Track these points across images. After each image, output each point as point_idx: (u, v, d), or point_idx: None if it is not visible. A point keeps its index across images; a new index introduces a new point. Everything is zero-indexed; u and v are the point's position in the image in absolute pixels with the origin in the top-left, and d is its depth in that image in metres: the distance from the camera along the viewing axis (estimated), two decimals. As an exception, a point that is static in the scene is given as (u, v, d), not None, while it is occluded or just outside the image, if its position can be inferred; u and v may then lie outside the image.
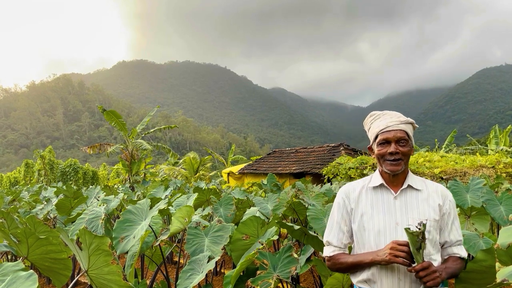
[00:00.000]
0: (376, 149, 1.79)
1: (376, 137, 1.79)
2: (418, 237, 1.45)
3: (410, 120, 1.77)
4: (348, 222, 1.85)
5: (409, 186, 1.77)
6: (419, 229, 1.45)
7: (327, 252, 1.88)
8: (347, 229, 1.85)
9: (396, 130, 1.72)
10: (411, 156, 1.83)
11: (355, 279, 1.81)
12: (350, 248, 1.93)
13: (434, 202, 1.74)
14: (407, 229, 1.47)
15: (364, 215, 1.78)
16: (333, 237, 1.87)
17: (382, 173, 1.81)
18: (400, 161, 1.71)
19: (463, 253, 1.74)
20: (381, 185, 1.80)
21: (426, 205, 1.73)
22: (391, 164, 1.72)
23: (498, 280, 1.08)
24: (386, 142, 1.73)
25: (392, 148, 1.71)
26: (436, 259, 1.69)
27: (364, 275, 1.75)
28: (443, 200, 1.77)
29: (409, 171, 1.81)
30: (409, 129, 1.75)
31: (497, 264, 1.24)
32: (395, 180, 1.77)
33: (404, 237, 1.65)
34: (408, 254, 1.53)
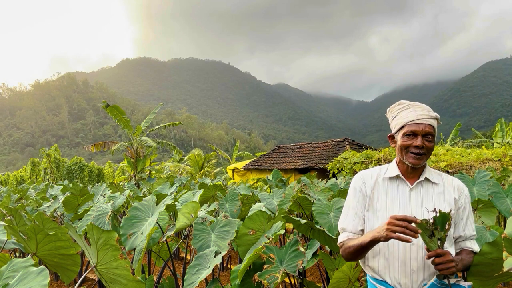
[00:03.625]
0: (400, 139, 1.75)
1: (401, 127, 1.75)
2: (427, 224, 1.43)
3: (438, 115, 1.74)
4: (364, 208, 1.81)
5: (426, 179, 1.75)
6: (434, 217, 1.42)
7: (340, 238, 1.83)
8: (363, 215, 1.81)
9: (425, 124, 1.69)
10: None
11: (368, 271, 1.80)
12: None
13: (450, 196, 1.73)
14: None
15: (378, 205, 1.76)
16: (348, 223, 1.82)
17: (399, 164, 1.79)
18: (423, 155, 1.69)
19: (476, 248, 1.73)
20: (397, 176, 1.78)
21: (442, 199, 1.72)
22: (414, 158, 1.69)
23: (505, 269, 1.08)
24: (413, 134, 1.70)
25: (418, 141, 1.68)
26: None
27: (376, 265, 1.74)
28: (459, 194, 1.75)
29: (427, 164, 1.79)
30: (435, 125, 1.72)
31: (504, 253, 1.23)
32: (412, 172, 1.76)
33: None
34: (407, 228, 1.45)
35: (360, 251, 1.70)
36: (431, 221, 1.43)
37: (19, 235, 2.32)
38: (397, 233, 1.47)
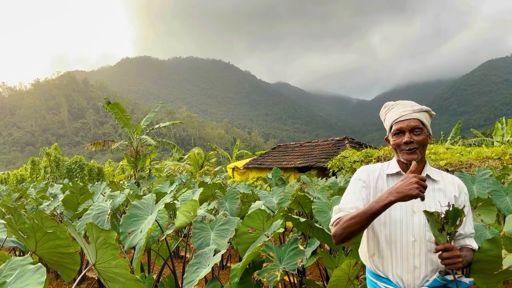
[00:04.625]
0: (391, 139, 1.77)
1: (390, 128, 1.77)
2: (438, 218, 1.42)
3: (425, 108, 1.74)
4: (367, 197, 1.76)
5: (427, 176, 1.75)
6: (446, 211, 1.41)
7: (335, 217, 1.71)
8: (367, 200, 1.75)
9: (410, 119, 1.70)
10: None
11: (372, 267, 1.80)
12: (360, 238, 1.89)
13: (450, 193, 1.73)
14: (425, 211, 1.43)
15: None
16: (348, 202, 1.75)
17: (399, 162, 1.80)
18: (415, 149, 1.70)
19: (475, 245, 1.73)
20: (398, 173, 1.78)
21: (443, 196, 1.72)
22: (407, 153, 1.70)
23: (504, 267, 1.08)
24: (400, 132, 1.72)
25: (406, 137, 1.69)
26: None
27: (379, 261, 1.74)
28: (459, 192, 1.76)
29: (427, 161, 1.79)
30: (424, 117, 1.72)
31: (503, 251, 1.23)
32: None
33: (420, 226, 1.65)
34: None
35: (366, 221, 1.55)
36: (443, 215, 1.42)
37: (19, 233, 2.32)
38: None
